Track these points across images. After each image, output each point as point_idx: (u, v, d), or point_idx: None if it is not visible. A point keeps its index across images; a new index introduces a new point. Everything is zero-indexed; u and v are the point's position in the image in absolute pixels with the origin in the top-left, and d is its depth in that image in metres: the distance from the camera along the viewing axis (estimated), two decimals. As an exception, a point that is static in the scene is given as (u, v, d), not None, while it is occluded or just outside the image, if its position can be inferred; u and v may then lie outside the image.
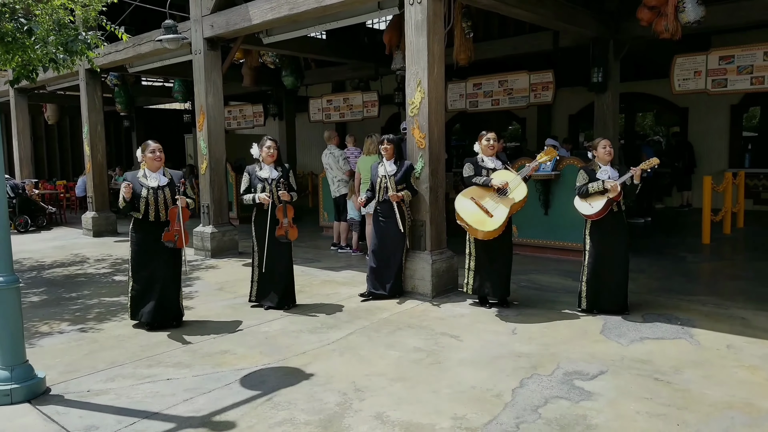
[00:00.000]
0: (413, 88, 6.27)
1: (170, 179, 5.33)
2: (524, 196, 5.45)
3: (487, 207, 5.42)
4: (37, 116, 18.96)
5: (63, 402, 3.86)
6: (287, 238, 5.74)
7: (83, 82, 11.84)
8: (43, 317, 5.89)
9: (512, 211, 5.43)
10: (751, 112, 13.79)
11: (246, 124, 17.48)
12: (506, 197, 5.43)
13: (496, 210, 5.39)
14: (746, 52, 8.84)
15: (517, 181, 5.46)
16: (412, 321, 5.41)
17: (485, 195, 5.51)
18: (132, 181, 5.25)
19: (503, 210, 5.38)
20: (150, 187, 5.21)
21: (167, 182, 5.29)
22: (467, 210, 5.46)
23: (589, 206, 5.35)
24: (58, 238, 11.70)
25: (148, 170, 5.28)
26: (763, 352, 4.41)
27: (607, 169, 5.40)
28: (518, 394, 3.78)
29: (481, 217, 5.40)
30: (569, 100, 14.07)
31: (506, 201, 5.41)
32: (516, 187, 5.44)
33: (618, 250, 5.40)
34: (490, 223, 5.35)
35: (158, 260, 5.27)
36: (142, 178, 5.26)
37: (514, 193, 5.42)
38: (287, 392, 3.90)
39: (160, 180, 5.26)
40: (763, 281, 6.52)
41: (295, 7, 7.51)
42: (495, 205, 5.42)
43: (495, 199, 5.45)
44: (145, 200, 5.19)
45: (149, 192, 5.19)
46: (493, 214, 5.37)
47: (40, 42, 5.56)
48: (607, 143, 5.47)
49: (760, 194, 12.72)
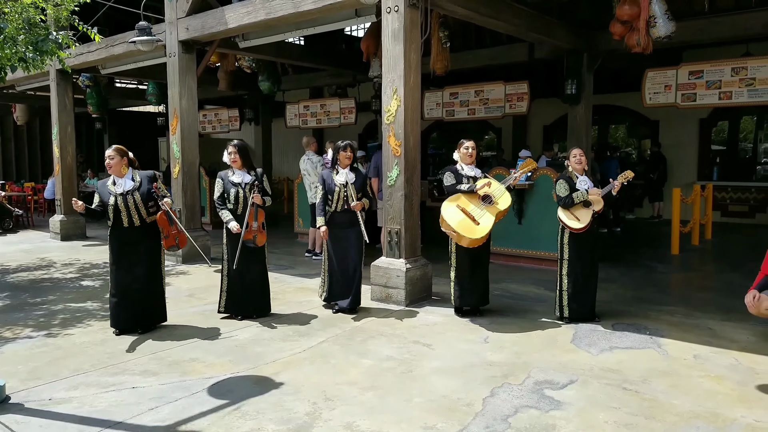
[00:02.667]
0: (389, 96, 6.27)
1: (140, 182, 5.24)
2: (509, 205, 5.51)
3: (474, 214, 5.43)
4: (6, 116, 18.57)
5: (23, 411, 3.74)
6: (254, 243, 5.58)
7: (54, 82, 11.61)
8: (5, 323, 5.73)
9: (497, 218, 5.47)
10: (719, 126, 14.09)
11: (221, 128, 17.32)
12: (491, 205, 5.45)
13: (483, 218, 5.41)
14: (715, 68, 9.04)
15: (501, 190, 5.50)
16: (385, 329, 5.39)
17: (470, 203, 5.52)
18: (101, 189, 5.19)
19: (489, 217, 5.40)
20: (117, 193, 5.12)
21: (138, 186, 5.19)
22: (454, 217, 5.44)
23: (576, 220, 5.38)
24: (25, 242, 11.43)
25: (115, 176, 5.20)
26: (730, 363, 4.49)
27: (584, 179, 5.47)
28: (489, 403, 3.78)
29: (467, 224, 5.39)
30: (544, 111, 14.22)
31: (492, 209, 5.44)
32: (501, 195, 5.48)
33: (592, 259, 5.48)
34: (477, 230, 5.37)
35: (135, 267, 5.19)
36: (110, 185, 5.18)
37: (500, 202, 5.46)
38: (256, 401, 3.84)
39: (125, 185, 5.16)
40: (730, 292, 6.63)
41: (272, 12, 7.47)
42: (481, 212, 5.44)
43: (480, 206, 5.47)
44: (114, 207, 5.11)
45: (117, 198, 5.10)
46: (480, 222, 5.39)
47: (9, 41, 5.44)
48: (578, 152, 5.53)
49: (728, 206, 13.00)
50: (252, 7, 7.71)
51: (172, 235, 5.16)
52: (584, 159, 5.50)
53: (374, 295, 6.37)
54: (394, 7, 6.14)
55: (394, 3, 6.13)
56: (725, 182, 13.06)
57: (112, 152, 5.19)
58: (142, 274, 5.22)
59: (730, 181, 13.09)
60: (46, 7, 6.09)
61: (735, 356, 4.61)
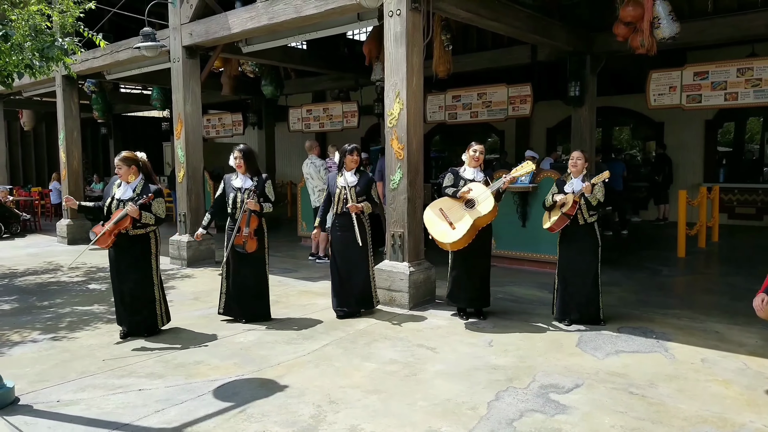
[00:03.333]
0: (392, 99, 6.28)
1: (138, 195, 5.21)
2: (490, 209, 5.38)
3: (452, 219, 5.45)
4: (13, 122, 18.67)
5: (32, 412, 3.77)
6: (244, 249, 5.57)
7: (60, 88, 11.69)
8: (13, 326, 5.76)
9: (477, 223, 5.41)
10: (725, 128, 14.04)
11: (225, 132, 17.38)
12: (473, 209, 5.42)
13: (460, 222, 5.40)
14: (720, 69, 9.01)
15: (486, 194, 5.44)
16: (388, 332, 5.39)
17: (453, 206, 5.53)
18: (107, 188, 5.25)
19: (467, 222, 5.38)
20: (116, 198, 5.15)
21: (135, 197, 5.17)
22: (432, 221, 5.55)
23: (549, 219, 5.56)
24: (32, 246, 11.49)
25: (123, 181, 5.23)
26: (737, 366, 4.46)
27: (574, 181, 5.49)
28: (493, 407, 3.77)
29: (443, 228, 5.45)
30: (547, 113, 14.21)
31: (472, 213, 5.41)
32: (484, 200, 5.42)
33: (584, 261, 5.47)
34: (451, 234, 5.40)
35: (128, 273, 5.21)
36: (115, 187, 5.22)
37: (481, 206, 5.41)
38: (261, 404, 3.85)
39: (125, 192, 5.17)
40: (737, 295, 6.60)
41: (274, 17, 7.50)
42: (460, 217, 5.44)
43: (461, 211, 5.46)
44: (107, 209, 5.15)
45: (112, 202, 5.14)
46: (456, 227, 5.40)
47: (16, 48, 5.49)
48: (575, 154, 5.54)
49: (735, 208, 12.94)
50: (255, 12, 7.74)
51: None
52: (580, 162, 5.49)
53: (378, 298, 6.36)
54: (397, 11, 6.15)
55: (397, 7, 6.15)
56: (732, 184, 13.00)
57: (119, 162, 5.21)
58: (134, 280, 5.23)
59: (737, 183, 13.03)
60: (52, 14, 6.16)
61: (743, 360, 4.58)
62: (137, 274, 5.23)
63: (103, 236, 5.00)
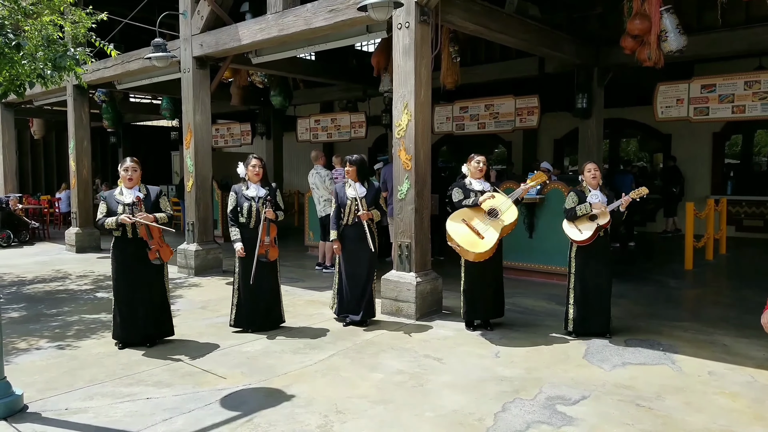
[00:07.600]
0: (400, 111, 6.32)
1: (146, 195, 5.27)
2: (515, 219, 5.48)
3: (478, 229, 5.43)
4: (24, 130, 18.83)
5: (40, 420, 3.79)
6: (267, 258, 5.65)
7: (71, 97, 11.81)
8: (22, 333, 5.80)
9: (503, 233, 5.46)
10: (733, 140, 14.01)
11: (233, 142, 17.49)
12: (496, 219, 5.44)
13: (487, 232, 5.40)
14: (727, 81, 9.02)
15: (507, 203, 5.49)
16: (395, 343, 5.39)
17: (475, 217, 5.52)
18: (108, 198, 5.22)
19: (494, 232, 5.40)
20: (125, 204, 5.16)
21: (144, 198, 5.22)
22: (459, 232, 5.46)
23: (578, 232, 5.40)
24: (41, 254, 11.56)
25: (124, 188, 5.24)
26: (744, 379, 4.45)
27: (596, 193, 5.45)
28: (500, 418, 3.77)
29: (472, 238, 5.40)
30: (554, 124, 14.23)
31: (496, 223, 5.43)
32: (507, 209, 5.46)
33: (602, 274, 5.45)
34: (481, 244, 5.36)
35: (140, 280, 5.22)
36: (118, 195, 5.21)
37: (505, 216, 5.44)
38: (268, 413, 3.86)
39: (133, 197, 5.19)
40: (744, 308, 6.58)
41: (284, 28, 7.57)
42: (485, 227, 5.43)
43: (485, 221, 5.47)
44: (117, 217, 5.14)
45: (124, 209, 5.13)
46: (484, 236, 5.39)
47: (29, 57, 5.56)
48: (593, 167, 5.50)
49: (742, 221, 12.89)
50: (265, 24, 7.82)
51: (154, 248, 5.21)
52: (599, 173, 5.48)
53: (385, 308, 6.38)
54: (405, 24, 6.20)
55: (405, 19, 6.20)
56: (739, 196, 12.97)
57: (135, 164, 5.24)
58: (146, 288, 5.24)
59: (745, 196, 12.99)
60: (65, 25, 6.23)
61: (750, 373, 4.57)
62: (150, 281, 5.25)
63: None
